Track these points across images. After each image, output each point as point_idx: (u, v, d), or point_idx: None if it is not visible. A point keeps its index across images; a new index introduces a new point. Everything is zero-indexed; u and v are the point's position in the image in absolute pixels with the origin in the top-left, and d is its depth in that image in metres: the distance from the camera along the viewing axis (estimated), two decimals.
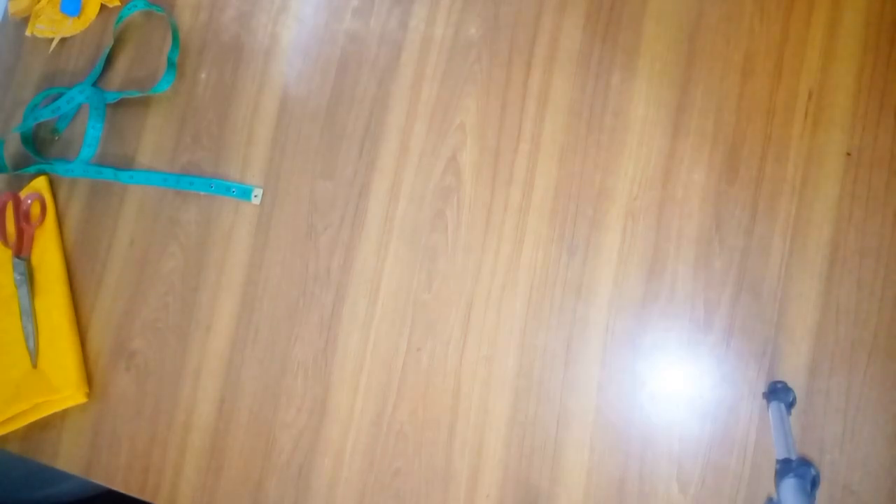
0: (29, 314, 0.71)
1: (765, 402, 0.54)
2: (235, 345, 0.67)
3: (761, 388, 0.55)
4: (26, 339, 0.71)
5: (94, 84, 0.76)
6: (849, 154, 0.57)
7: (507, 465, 0.59)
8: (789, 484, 0.44)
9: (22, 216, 0.74)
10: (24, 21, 0.81)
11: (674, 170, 0.60)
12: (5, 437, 0.71)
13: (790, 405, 0.53)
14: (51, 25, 0.80)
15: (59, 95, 0.76)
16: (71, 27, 0.79)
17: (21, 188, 0.76)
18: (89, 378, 0.70)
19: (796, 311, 0.55)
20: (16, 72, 0.81)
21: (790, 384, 0.54)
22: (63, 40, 0.80)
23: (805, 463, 0.45)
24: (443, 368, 0.62)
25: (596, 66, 0.63)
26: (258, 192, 0.69)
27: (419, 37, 0.68)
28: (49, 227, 0.74)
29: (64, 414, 0.70)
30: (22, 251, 0.73)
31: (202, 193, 0.71)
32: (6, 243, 0.73)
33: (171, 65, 0.74)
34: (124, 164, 0.74)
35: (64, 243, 0.74)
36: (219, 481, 0.65)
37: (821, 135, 0.58)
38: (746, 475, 0.54)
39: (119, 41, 0.77)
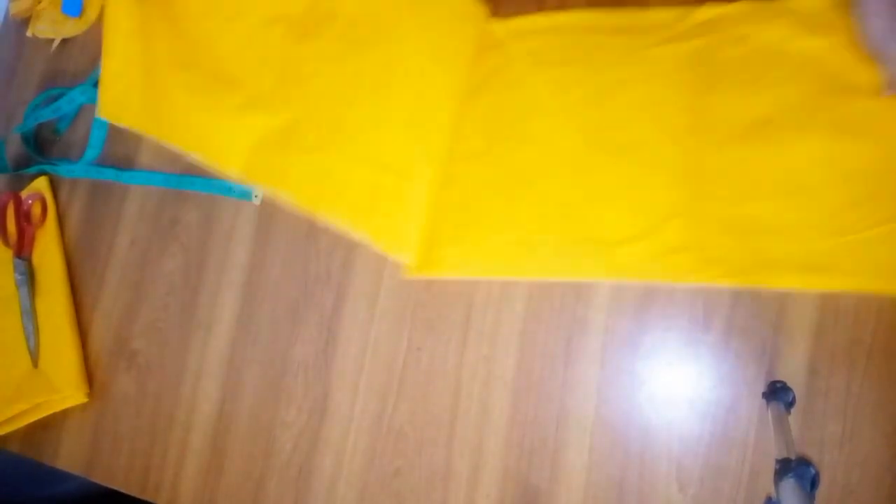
0: (30, 314, 0.71)
1: (764, 401, 0.54)
2: (236, 345, 0.67)
3: (761, 387, 0.55)
4: (27, 339, 0.71)
5: (96, 85, 0.77)
6: None
7: (506, 465, 0.59)
8: (788, 484, 0.44)
9: (23, 216, 0.74)
10: (26, 22, 0.81)
11: None
12: (5, 437, 0.71)
13: (789, 405, 0.53)
14: (52, 26, 0.80)
15: (61, 96, 0.77)
16: (72, 28, 0.79)
17: (22, 188, 0.76)
18: (90, 378, 0.70)
19: (796, 311, 0.55)
20: (17, 72, 0.81)
21: (789, 384, 0.54)
22: (64, 41, 0.80)
23: (804, 463, 0.45)
24: (443, 368, 0.62)
25: None
26: (259, 192, 0.69)
27: None
28: (50, 228, 0.74)
29: (64, 414, 0.70)
30: (23, 251, 0.73)
31: (203, 194, 0.71)
32: (7, 243, 0.73)
33: None
34: (126, 165, 0.74)
35: (65, 243, 0.74)
36: (219, 481, 0.66)
37: None
38: (746, 475, 0.54)
39: None
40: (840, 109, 0.56)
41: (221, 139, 0.68)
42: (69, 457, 0.70)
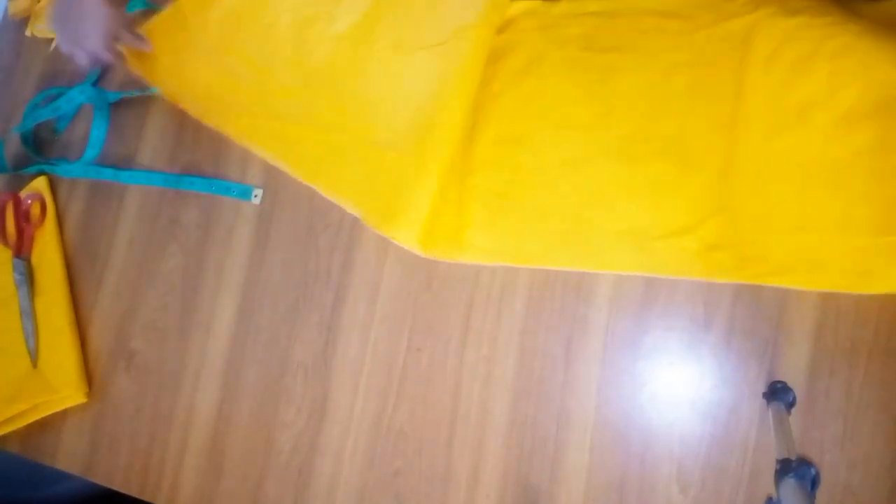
0: (29, 314, 0.71)
1: (765, 402, 0.54)
2: (235, 345, 0.67)
3: (761, 388, 0.55)
4: (26, 340, 0.71)
5: (95, 84, 0.76)
6: None
7: (507, 465, 0.59)
8: (789, 484, 0.44)
9: (22, 216, 0.74)
10: (24, 21, 0.81)
11: None
12: (5, 437, 0.71)
13: (790, 405, 0.53)
14: None
15: (59, 95, 0.76)
16: None
17: (21, 188, 0.76)
18: (89, 378, 0.70)
19: (796, 311, 0.55)
20: (16, 72, 0.81)
21: (790, 384, 0.54)
22: None
23: (805, 463, 0.45)
24: (443, 368, 0.62)
25: None
26: (258, 192, 0.69)
27: None
28: (49, 228, 0.74)
29: (64, 414, 0.70)
30: (22, 251, 0.73)
31: (202, 193, 0.71)
32: (6, 243, 0.73)
33: None
34: (125, 164, 0.74)
35: (64, 243, 0.74)
36: (218, 481, 0.65)
37: None
38: (746, 475, 0.54)
39: None
40: (894, 91, 0.53)
41: (241, 111, 0.70)
42: (68, 457, 0.70)
